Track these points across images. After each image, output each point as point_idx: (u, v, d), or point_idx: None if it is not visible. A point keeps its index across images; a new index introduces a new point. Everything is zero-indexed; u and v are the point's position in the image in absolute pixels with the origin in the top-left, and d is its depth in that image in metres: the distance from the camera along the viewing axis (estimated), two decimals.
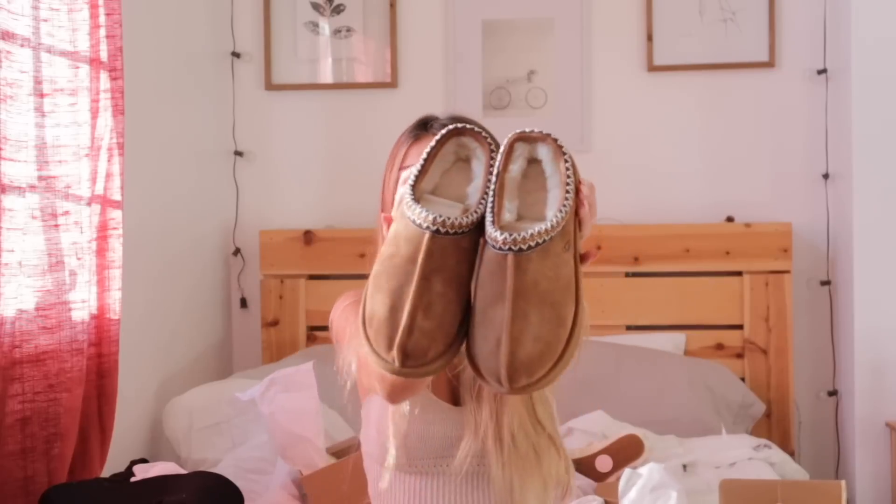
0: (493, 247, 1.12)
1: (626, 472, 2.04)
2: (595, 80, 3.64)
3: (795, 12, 3.54)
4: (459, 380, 1.65)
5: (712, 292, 3.47)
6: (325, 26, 3.72)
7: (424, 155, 1.21)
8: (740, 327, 3.46)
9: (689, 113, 3.61)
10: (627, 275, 3.51)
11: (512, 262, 1.10)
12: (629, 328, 3.51)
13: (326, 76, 3.74)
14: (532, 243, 1.11)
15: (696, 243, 3.47)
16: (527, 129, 1.22)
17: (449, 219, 1.13)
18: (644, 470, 2.03)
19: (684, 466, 2.69)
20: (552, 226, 1.12)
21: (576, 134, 3.64)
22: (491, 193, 1.18)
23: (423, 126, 1.70)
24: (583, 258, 1.23)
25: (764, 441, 2.98)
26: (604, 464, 2.58)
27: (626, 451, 2.60)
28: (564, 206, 1.14)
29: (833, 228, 3.49)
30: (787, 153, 3.57)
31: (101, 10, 2.40)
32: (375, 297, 1.14)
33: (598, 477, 2.58)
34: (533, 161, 1.22)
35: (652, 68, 3.60)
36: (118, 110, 2.43)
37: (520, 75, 3.66)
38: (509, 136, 1.21)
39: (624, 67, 3.64)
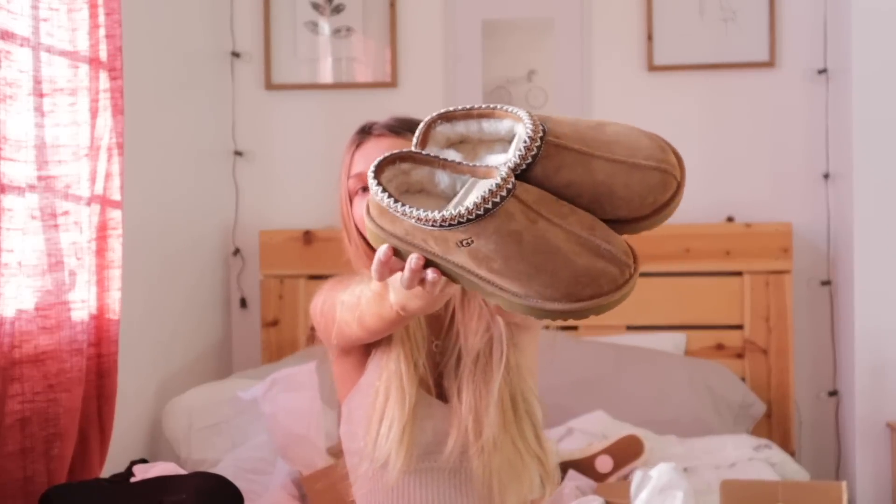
0: (529, 158, 1.12)
1: (637, 474, 2.03)
2: (595, 80, 3.64)
3: (795, 12, 3.54)
4: (443, 374, 1.66)
5: (712, 292, 3.47)
6: (325, 26, 3.72)
7: (378, 198, 1.14)
8: (740, 327, 3.46)
9: (689, 113, 3.61)
10: None
11: (553, 137, 1.13)
12: (629, 328, 3.51)
13: (326, 76, 3.74)
14: (539, 126, 1.14)
15: (696, 243, 3.47)
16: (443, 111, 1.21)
17: (495, 173, 1.11)
18: (654, 471, 2.02)
19: (684, 469, 2.69)
20: (528, 118, 1.14)
21: None
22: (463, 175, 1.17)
23: (365, 131, 1.75)
24: None
25: (764, 441, 2.98)
26: (604, 464, 2.58)
27: (627, 452, 2.60)
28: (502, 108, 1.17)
29: (833, 228, 3.49)
30: (787, 153, 3.56)
31: (101, 10, 2.40)
32: (559, 266, 1.08)
33: (599, 477, 2.58)
34: (457, 143, 1.22)
35: (652, 68, 3.60)
36: (118, 110, 2.43)
37: (520, 75, 3.66)
38: (427, 131, 1.20)
39: (624, 67, 3.64)
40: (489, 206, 1.08)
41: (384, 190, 1.15)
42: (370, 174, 1.16)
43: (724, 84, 3.60)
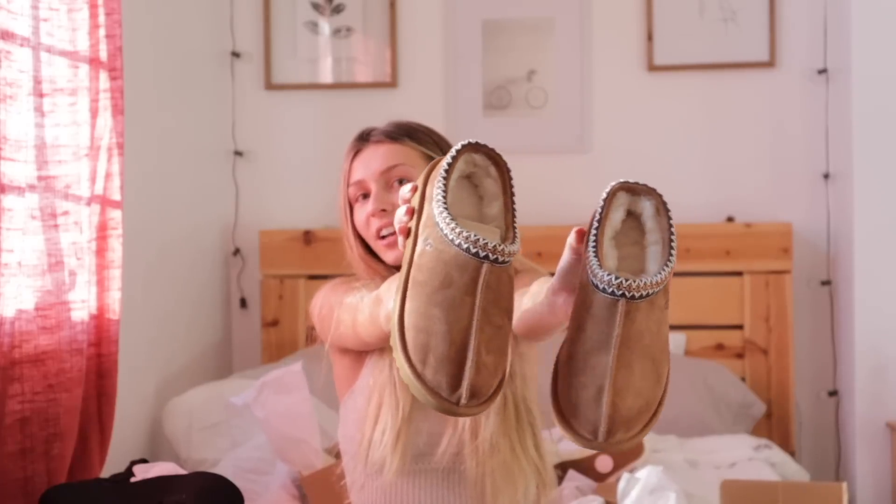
0: (604, 290, 1.06)
1: (625, 476, 2.04)
2: (595, 80, 3.64)
3: (795, 12, 3.54)
4: None
5: (712, 292, 3.47)
6: (325, 26, 3.72)
7: (444, 172, 1.13)
8: (740, 327, 3.46)
9: (689, 113, 3.61)
10: None
11: (623, 309, 1.05)
12: None
13: (326, 76, 3.74)
14: (644, 292, 1.05)
15: (696, 243, 3.47)
16: (630, 181, 1.15)
17: (506, 248, 1.07)
18: (642, 473, 2.03)
19: (689, 463, 2.69)
20: (662, 278, 1.07)
21: (576, 134, 3.64)
22: (593, 236, 1.12)
23: (364, 138, 1.75)
24: None
25: (764, 441, 2.98)
26: (604, 464, 2.57)
27: (627, 452, 2.60)
28: (669, 261, 1.09)
29: (833, 228, 3.49)
30: (787, 153, 3.56)
31: (101, 10, 2.40)
32: (431, 331, 1.06)
33: (598, 477, 2.58)
34: (631, 214, 1.16)
35: (652, 68, 3.60)
36: (118, 110, 2.43)
37: (520, 75, 3.66)
38: (612, 183, 1.15)
39: (624, 67, 3.63)
40: (465, 246, 1.07)
41: (450, 167, 1.13)
42: (459, 145, 1.14)
43: (724, 84, 3.60)
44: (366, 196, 1.71)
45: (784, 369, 3.42)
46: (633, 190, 1.15)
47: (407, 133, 1.72)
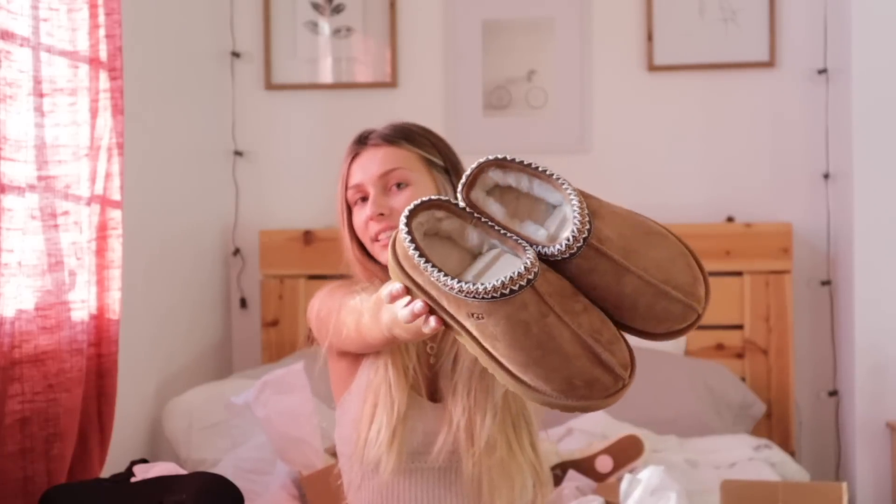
0: (568, 256, 1.14)
1: (626, 477, 2.04)
2: (595, 80, 3.64)
3: (795, 12, 3.54)
4: (438, 374, 1.66)
5: (712, 292, 3.45)
6: (325, 26, 3.72)
7: (419, 258, 1.16)
8: (740, 327, 3.46)
9: (689, 113, 3.61)
10: None
11: (595, 241, 1.15)
12: None
13: (326, 76, 3.74)
14: (586, 220, 1.15)
15: (696, 243, 3.43)
16: (462, 180, 1.21)
17: (529, 262, 1.12)
18: (643, 474, 2.03)
19: (689, 463, 2.69)
20: (575, 196, 1.16)
21: (576, 134, 3.64)
22: (507, 239, 1.18)
23: (362, 141, 1.75)
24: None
25: (764, 441, 2.98)
26: (604, 464, 2.57)
27: (627, 452, 2.60)
28: (559, 182, 1.18)
29: (833, 228, 3.49)
30: (787, 153, 3.56)
31: (101, 10, 2.40)
32: (553, 367, 1.12)
33: (599, 477, 2.58)
34: (497, 189, 1.23)
35: (652, 68, 3.60)
36: (118, 110, 2.43)
37: (520, 75, 3.66)
38: (458, 194, 1.21)
39: (624, 67, 3.64)
40: (506, 291, 1.11)
41: (412, 240, 1.17)
42: (403, 218, 1.18)
43: (724, 84, 3.60)
44: (364, 199, 1.72)
45: (784, 369, 3.42)
46: (470, 182, 1.21)
47: (404, 136, 1.72)
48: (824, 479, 3.44)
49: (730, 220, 3.54)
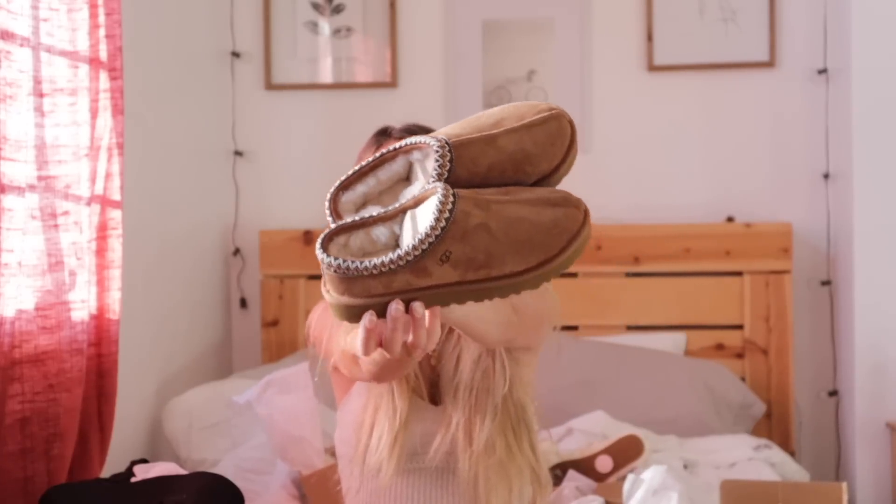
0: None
1: (630, 477, 2.03)
2: (595, 80, 3.64)
3: (795, 12, 3.54)
4: (440, 377, 1.66)
5: (712, 292, 3.47)
6: (325, 26, 3.72)
7: (352, 264, 1.13)
8: (740, 327, 3.46)
9: (689, 113, 3.61)
10: (627, 275, 3.51)
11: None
12: (629, 328, 3.51)
13: (326, 76, 3.74)
14: (450, 196, 1.13)
15: (696, 243, 3.47)
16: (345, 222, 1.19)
17: (441, 194, 1.14)
18: (646, 474, 2.03)
19: (685, 466, 2.69)
20: (442, 189, 1.14)
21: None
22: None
23: (385, 133, 1.75)
24: None
25: (764, 441, 2.98)
26: (604, 464, 2.58)
27: (627, 452, 2.60)
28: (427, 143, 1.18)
29: (833, 228, 3.49)
30: (787, 153, 3.56)
31: (101, 10, 2.40)
32: (530, 231, 1.15)
33: (599, 477, 2.58)
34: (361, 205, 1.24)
35: (652, 68, 3.60)
36: (118, 110, 2.43)
37: (520, 75, 3.66)
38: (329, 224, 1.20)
39: (624, 67, 3.64)
40: (447, 214, 1.12)
41: (341, 259, 1.13)
42: (319, 255, 1.13)
43: (724, 84, 3.60)
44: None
45: (784, 369, 3.42)
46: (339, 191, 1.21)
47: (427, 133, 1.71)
48: (824, 479, 3.44)
49: (730, 220, 3.54)
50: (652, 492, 1.96)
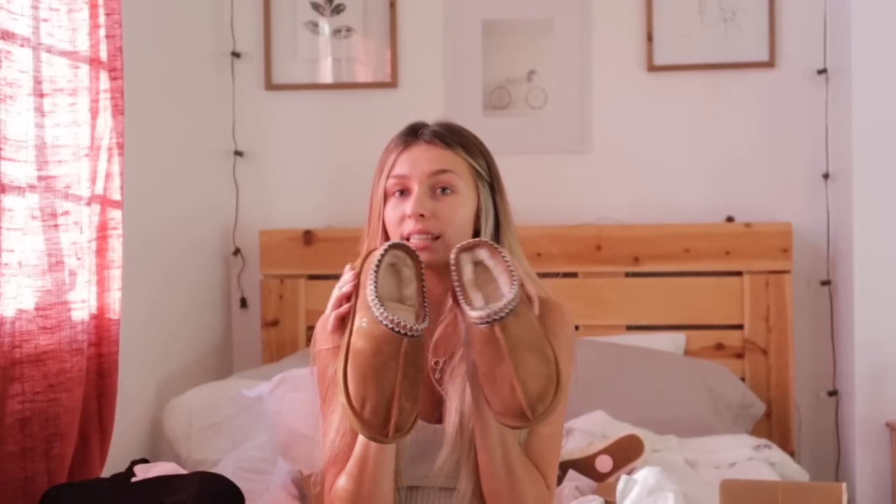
0: (479, 324, 1.43)
1: (623, 478, 2.04)
2: (595, 80, 3.64)
3: (795, 12, 3.54)
4: (445, 395, 1.64)
5: (712, 292, 3.47)
6: (325, 26, 3.72)
7: (375, 265, 1.49)
8: (740, 327, 3.46)
9: (689, 113, 3.61)
10: (627, 275, 3.51)
11: (499, 328, 1.42)
12: (629, 328, 3.51)
13: (326, 76, 3.74)
14: (506, 311, 1.42)
15: (696, 243, 3.47)
16: (464, 242, 1.56)
17: (417, 327, 1.43)
18: (640, 475, 2.03)
19: (689, 463, 2.69)
20: (513, 296, 1.43)
21: (576, 134, 3.64)
22: (459, 293, 1.50)
23: (413, 133, 1.69)
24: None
25: (764, 441, 2.98)
26: (604, 464, 2.57)
27: (627, 452, 2.59)
28: (513, 280, 1.47)
29: (833, 228, 3.49)
30: (787, 153, 3.57)
31: (101, 10, 2.40)
32: (367, 387, 1.42)
33: (598, 477, 2.58)
34: (477, 264, 1.55)
35: (652, 68, 3.60)
36: (118, 110, 2.43)
37: (520, 75, 3.66)
38: (453, 250, 1.54)
39: (624, 67, 3.64)
40: (389, 325, 1.44)
41: (380, 260, 1.52)
42: (400, 243, 1.59)
43: (724, 84, 3.60)
44: (402, 192, 1.65)
45: (784, 369, 3.42)
46: (467, 247, 1.55)
47: (460, 142, 1.67)
48: (824, 479, 3.44)
49: (730, 220, 3.54)
50: (647, 492, 1.96)
